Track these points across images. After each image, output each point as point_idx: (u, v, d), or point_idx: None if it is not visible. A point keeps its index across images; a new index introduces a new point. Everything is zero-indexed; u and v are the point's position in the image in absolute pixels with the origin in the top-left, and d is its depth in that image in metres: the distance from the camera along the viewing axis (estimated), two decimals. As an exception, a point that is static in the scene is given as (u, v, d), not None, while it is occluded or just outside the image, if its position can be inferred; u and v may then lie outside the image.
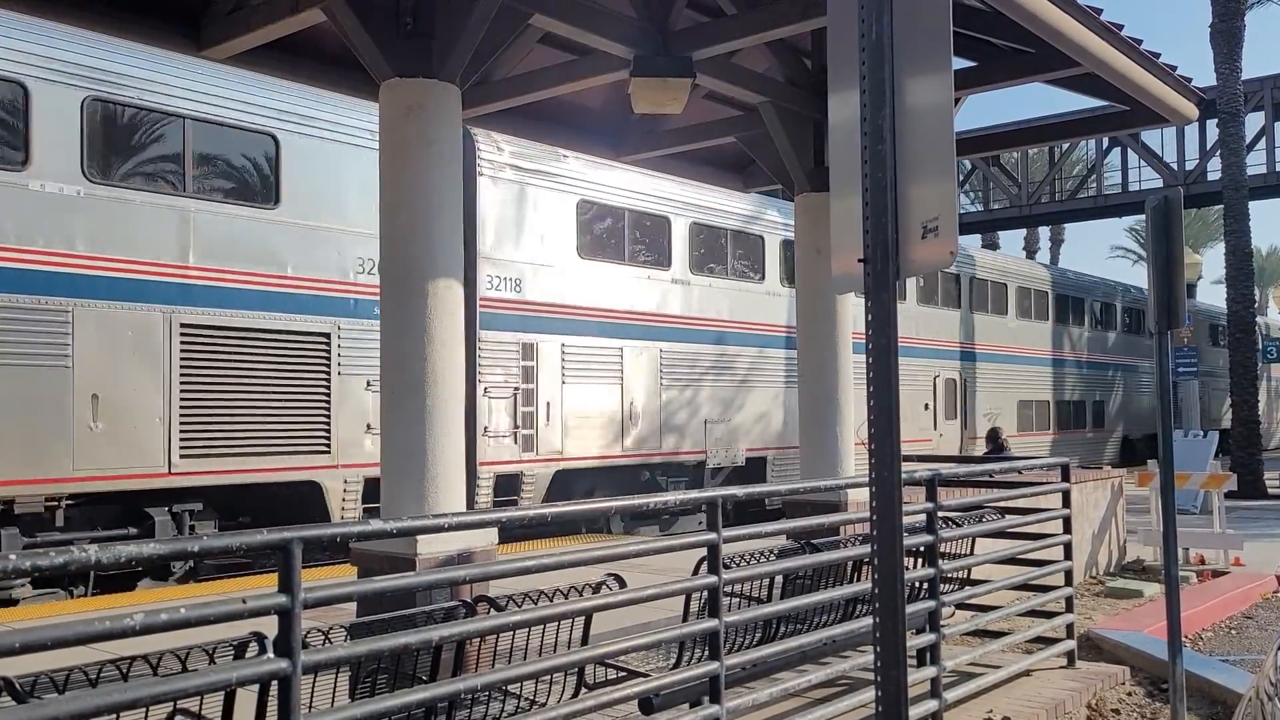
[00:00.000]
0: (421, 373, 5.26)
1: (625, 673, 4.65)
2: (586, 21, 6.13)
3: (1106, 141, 30.38)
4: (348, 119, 11.16)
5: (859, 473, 5.76)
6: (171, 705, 3.20)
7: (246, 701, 3.14)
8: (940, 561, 5.70)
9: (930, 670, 5.55)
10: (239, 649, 3.22)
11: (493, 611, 3.83)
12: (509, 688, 3.91)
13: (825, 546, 5.23)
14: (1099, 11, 6.19)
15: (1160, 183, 29.14)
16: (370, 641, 3.23)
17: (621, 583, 4.18)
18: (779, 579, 5.22)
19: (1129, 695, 6.79)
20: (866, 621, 5.14)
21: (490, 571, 3.87)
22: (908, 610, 4.63)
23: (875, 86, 3.02)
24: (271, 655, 2.89)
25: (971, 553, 6.36)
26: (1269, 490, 20.85)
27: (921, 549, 5.64)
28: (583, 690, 4.26)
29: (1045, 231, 49.80)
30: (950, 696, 5.65)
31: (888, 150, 3.00)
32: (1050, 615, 6.89)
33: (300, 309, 10.63)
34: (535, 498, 12.72)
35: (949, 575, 5.98)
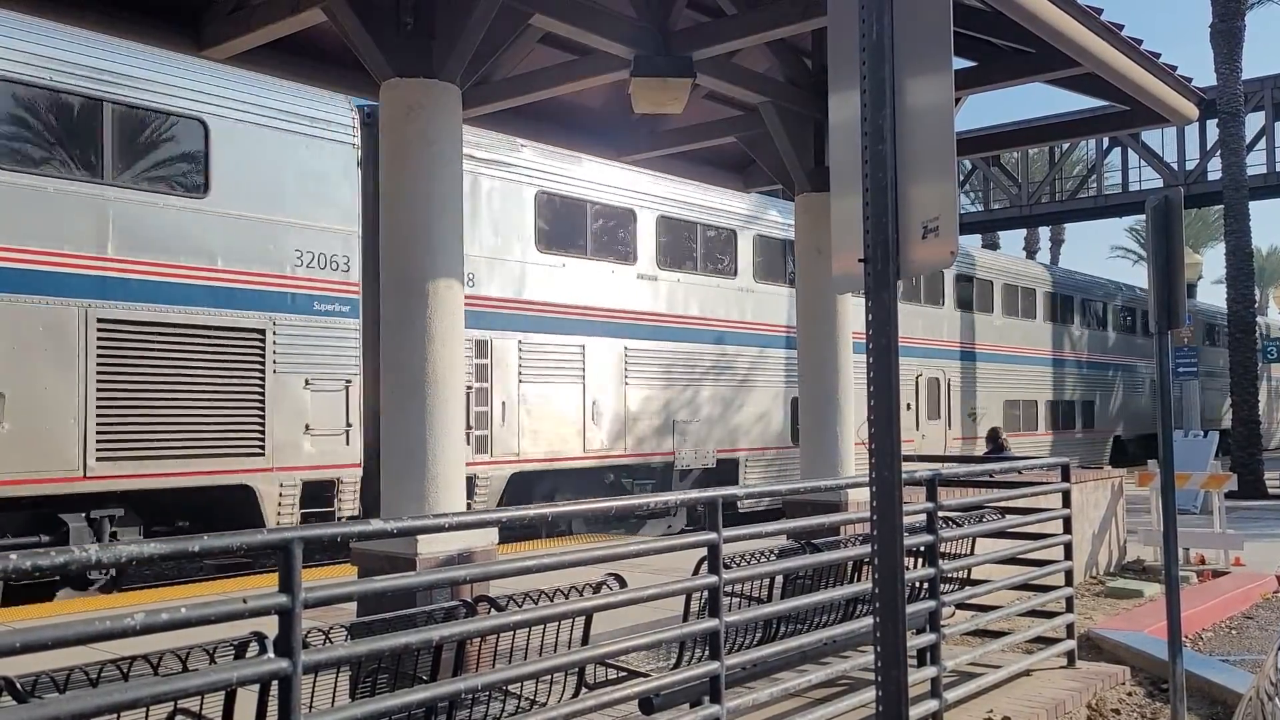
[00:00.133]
0: (421, 373, 5.26)
1: (625, 673, 4.65)
2: (587, 21, 6.13)
3: (1107, 141, 30.37)
4: (286, 104, 10.60)
5: (859, 473, 5.77)
6: (172, 705, 3.20)
7: (247, 701, 3.15)
8: (940, 561, 5.70)
9: (930, 670, 5.55)
10: (239, 649, 3.22)
11: (493, 611, 3.83)
12: (509, 688, 3.91)
13: (825, 546, 5.23)
14: (1099, 11, 6.20)
15: (1160, 183, 29.13)
16: (371, 641, 3.24)
17: (622, 582, 4.18)
18: (779, 579, 5.22)
19: (1129, 695, 6.79)
20: (867, 621, 5.15)
21: (490, 571, 3.87)
22: (908, 610, 4.63)
23: (876, 86, 3.02)
24: (272, 655, 2.89)
25: (972, 553, 6.37)
26: (1269, 490, 20.85)
27: (922, 549, 5.64)
28: (583, 690, 4.26)
29: (1045, 231, 49.81)
30: (950, 696, 5.65)
31: (888, 150, 3.00)
32: (1050, 615, 6.89)
33: (231, 303, 10.11)
34: (489, 501, 12.20)
35: (949, 575, 5.98)
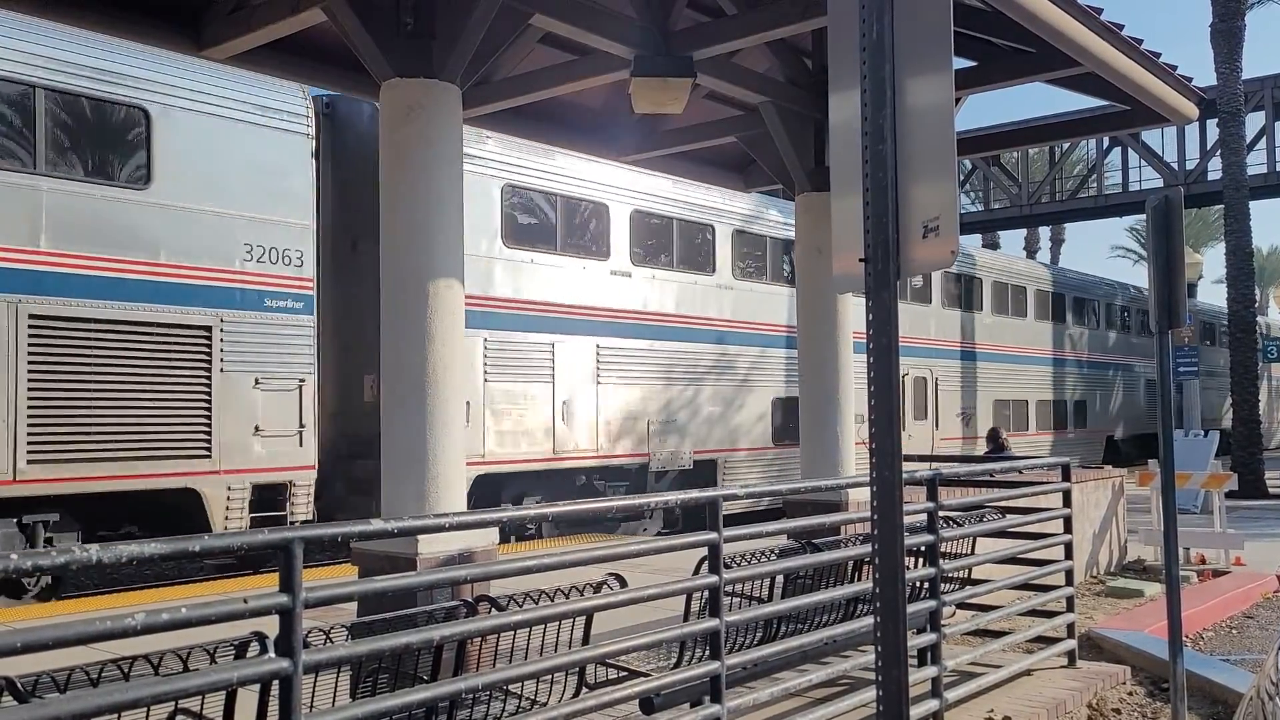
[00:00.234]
0: (422, 372, 5.27)
1: (626, 672, 4.65)
2: (587, 21, 6.13)
3: (1107, 141, 30.38)
4: (234, 92, 10.14)
5: (859, 472, 5.77)
6: (173, 705, 3.20)
7: (248, 701, 3.15)
8: (941, 561, 5.70)
9: (931, 670, 5.56)
10: (240, 649, 3.22)
11: (494, 611, 3.83)
12: (510, 687, 3.91)
13: (826, 546, 5.23)
14: (1099, 11, 6.19)
15: (1160, 182, 29.14)
16: (371, 641, 3.24)
17: (622, 582, 4.18)
18: (780, 578, 5.22)
19: (1130, 695, 6.79)
20: (867, 621, 5.14)
21: (491, 571, 3.87)
22: (909, 610, 4.62)
23: (876, 86, 3.02)
24: (273, 655, 2.89)
25: (972, 552, 6.37)
26: (1270, 490, 20.84)
27: (922, 549, 5.64)
28: (583, 690, 4.26)
29: (1046, 231, 49.82)
30: (951, 696, 5.66)
31: (888, 150, 3.00)
32: (1051, 615, 6.89)
33: (176, 299, 9.67)
34: None
35: (950, 575, 5.98)
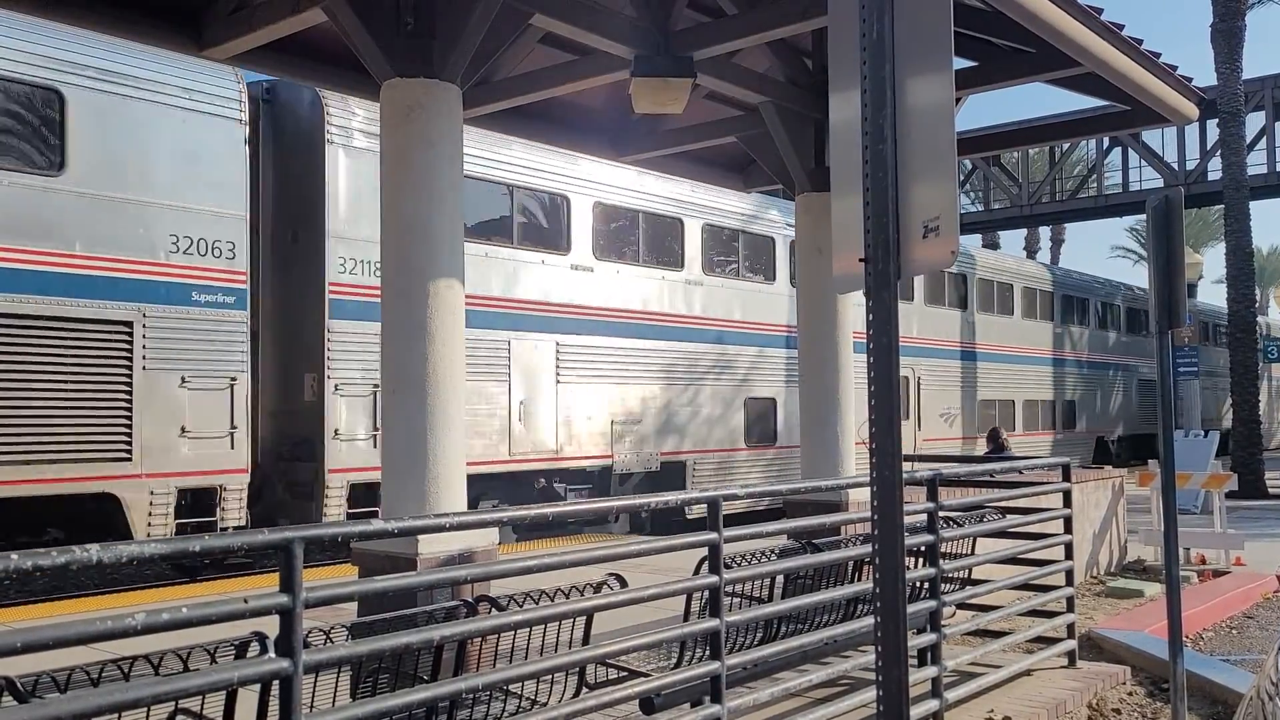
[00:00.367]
0: (422, 372, 5.26)
1: (626, 672, 4.65)
2: (587, 21, 6.13)
3: (1107, 141, 30.37)
4: (160, 75, 9.64)
5: (860, 472, 5.77)
6: (173, 705, 3.20)
7: (248, 701, 3.15)
8: (941, 561, 5.70)
9: (931, 670, 5.56)
10: (240, 649, 3.22)
11: (494, 611, 3.83)
12: (510, 687, 3.91)
13: (826, 546, 5.23)
14: (1099, 11, 6.19)
15: (1161, 182, 29.13)
16: (371, 641, 3.24)
17: (622, 582, 4.18)
18: (780, 579, 5.22)
19: (1130, 695, 6.79)
20: (867, 621, 5.14)
21: (491, 571, 3.87)
22: (909, 610, 4.62)
23: (876, 86, 3.02)
24: (273, 655, 2.89)
25: (972, 552, 6.37)
26: (1270, 490, 20.84)
27: (923, 549, 5.64)
28: (584, 690, 4.26)
29: (1046, 231, 49.80)
30: (951, 696, 5.65)
31: (889, 150, 3.00)
32: (1051, 615, 6.89)
33: (93, 293, 9.13)
34: None
35: (950, 575, 5.98)
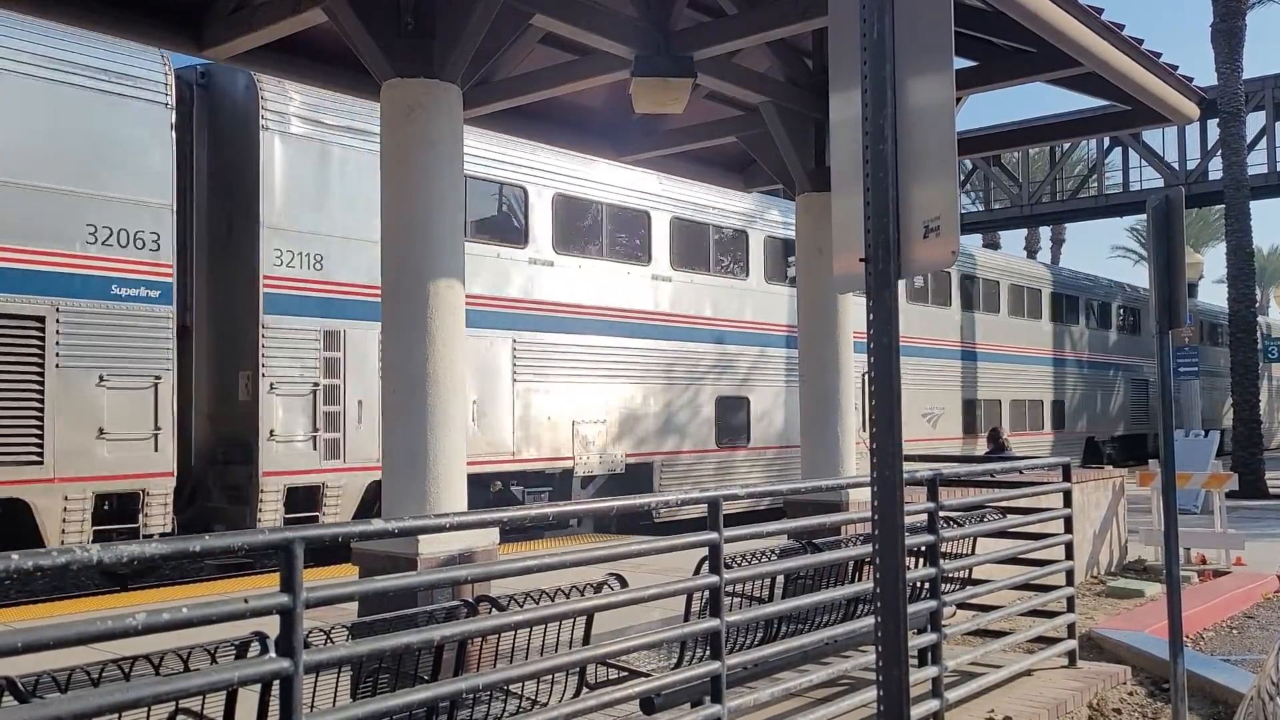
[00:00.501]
0: (422, 372, 5.26)
1: (627, 672, 4.65)
2: (587, 21, 6.13)
3: (1107, 141, 30.36)
4: (76, 55, 9.14)
5: (860, 472, 5.77)
6: (174, 705, 3.20)
7: (248, 701, 3.15)
8: (942, 561, 5.70)
9: (932, 670, 5.55)
10: (241, 649, 3.22)
11: (494, 611, 3.83)
12: (510, 687, 3.91)
13: (826, 546, 5.23)
14: (1100, 11, 6.19)
15: (1161, 182, 29.12)
16: (372, 641, 3.24)
17: (623, 582, 4.18)
18: (780, 579, 5.22)
19: (1130, 695, 6.79)
20: (868, 621, 5.14)
21: (492, 571, 3.87)
22: (909, 610, 4.62)
23: (876, 86, 3.02)
24: (273, 655, 2.89)
25: (973, 552, 6.37)
26: (1270, 490, 20.84)
27: (923, 549, 5.64)
28: (584, 690, 4.26)
29: (1046, 231, 49.80)
30: (951, 696, 5.65)
31: (889, 150, 3.00)
32: (1051, 615, 6.89)
33: (1, 286, 8.73)
34: (343, 514, 10.75)
35: (950, 575, 5.98)
